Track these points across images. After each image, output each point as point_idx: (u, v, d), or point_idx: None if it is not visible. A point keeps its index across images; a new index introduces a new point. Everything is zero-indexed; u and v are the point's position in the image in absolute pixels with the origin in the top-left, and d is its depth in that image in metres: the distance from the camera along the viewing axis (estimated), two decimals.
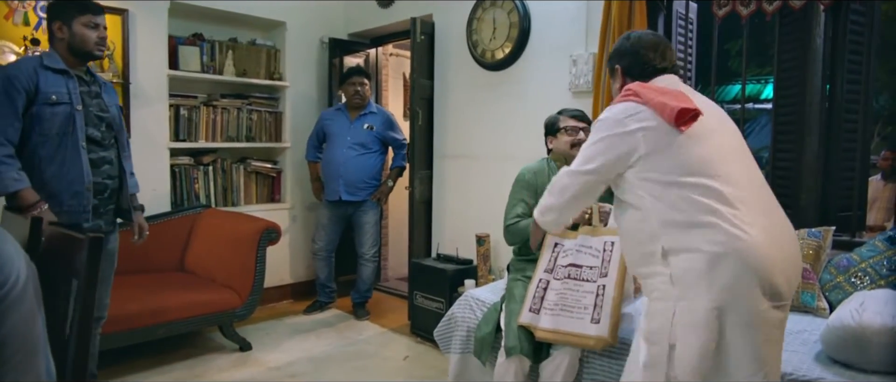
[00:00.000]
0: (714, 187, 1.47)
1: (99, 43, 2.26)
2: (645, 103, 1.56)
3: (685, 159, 1.51)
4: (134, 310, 2.93)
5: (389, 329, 3.87)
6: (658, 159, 1.53)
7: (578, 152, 2.17)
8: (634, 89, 1.61)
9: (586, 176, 1.64)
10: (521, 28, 3.50)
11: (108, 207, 2.38)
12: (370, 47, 4.84)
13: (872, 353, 1.72)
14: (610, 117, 1.61)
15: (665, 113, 1.51)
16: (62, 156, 2.18)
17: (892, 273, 2.19)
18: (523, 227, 2.38)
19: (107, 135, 2.35)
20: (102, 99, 2.37)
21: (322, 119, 4.15)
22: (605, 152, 1.59)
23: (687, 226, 1.48)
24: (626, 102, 1.59)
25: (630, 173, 1.58)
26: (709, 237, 1.44)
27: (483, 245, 3.56)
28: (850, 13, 2.63)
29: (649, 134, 1.53)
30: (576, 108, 2.57)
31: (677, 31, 3.13)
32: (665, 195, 1.51)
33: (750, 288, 1.42)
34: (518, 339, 2.16)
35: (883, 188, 4.30)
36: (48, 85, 2.16)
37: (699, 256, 1.44)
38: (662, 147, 1.52)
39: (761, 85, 10.28)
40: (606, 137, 1.59)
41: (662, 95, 1.56)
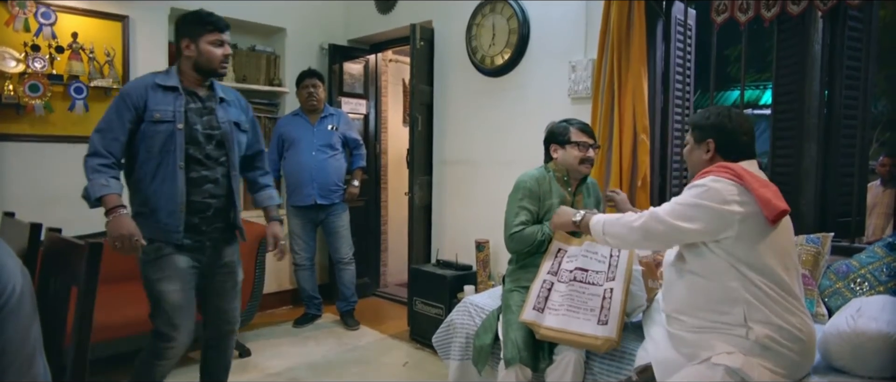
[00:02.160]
0: (786, 280, 1.69)
1: (224, 60, 2.25)
2: (750, 190, 1.68)
3: (767, 249, 1.69)
4: (131, 316, 2.92)
5: (389, 335, 3.87)
6: (747, 245, 1.68)
7: (586, 169, 2.24)
8: (739, 173, 1.72)
9: (678, 233, 1.76)
10: (520, 34, 3.52)
11: (214, 225, 2.30)
12: (370, 53, 4.85)
13: (868, 359, 1.72)
14: (715, 189, 1.70)
15: (767, 208, 1.66)
16: (162, 174, 2.17)
17: (891, 279, 2.19)
18: (528, 234, 2.37)
19: (214, 153, 2.27)
20: (215, 116, 2.28)
21: (280, 127, 4.01)
22: (704, 219, 1.71)
23: (765, 305, 1.67)
24: (732, 183, 1.71)
25: (714, 247, 1.72)
26: (789, 321, 1.67)
27: (483, 251, 3.56)
28: (848, 19, 2.63)
29: (747, 221, 1.68)
30: (577, 118, 2.56)
31: (676, 36, 3.14)
32: (744, 275, 1.68)
33: (803, 366, 1.72)
34: (516, 348, 2.16)
35: (882, 194, 4.30)
36: (155, 103, 2.17)
37: (779, 331, 1.66)
38: (754, 237, 1.68)
39: (760, 91, 10.30)
40: (708, 208, 1.70)
41: (764, 187, 1.70)
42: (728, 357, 1.67)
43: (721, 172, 1.75)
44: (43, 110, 3.29)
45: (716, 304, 1.73)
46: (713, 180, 1.73)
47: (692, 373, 1.74)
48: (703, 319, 1.76)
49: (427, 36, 4.04)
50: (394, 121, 5.30)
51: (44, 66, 3.28)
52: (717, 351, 1.70)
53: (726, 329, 1.71)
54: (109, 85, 3.50)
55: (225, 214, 2.33)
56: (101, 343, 2.69)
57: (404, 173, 4.61)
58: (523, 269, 2.45)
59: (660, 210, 1.80)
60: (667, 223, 1.76)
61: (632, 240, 1.88)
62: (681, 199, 1.78)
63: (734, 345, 1.69)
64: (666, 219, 1.76)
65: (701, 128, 1.90)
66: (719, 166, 1.79)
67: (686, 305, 1.82)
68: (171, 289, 2.20)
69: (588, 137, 2.46)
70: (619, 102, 2.97)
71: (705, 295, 1.76)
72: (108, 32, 3.54)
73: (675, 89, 3.16)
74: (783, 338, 1.66)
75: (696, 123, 1.94)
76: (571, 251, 2.34)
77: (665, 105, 3.14)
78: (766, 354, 1.67)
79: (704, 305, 1.76)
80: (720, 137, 1.85)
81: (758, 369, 1.65)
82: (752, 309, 1.67)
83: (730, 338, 1.70)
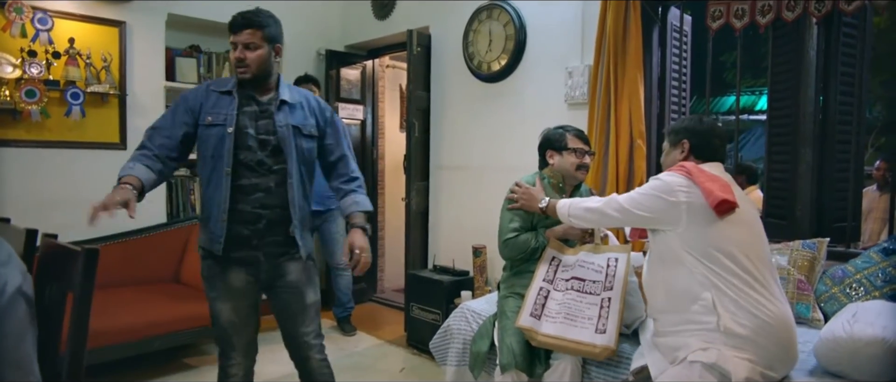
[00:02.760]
0: (749, 268, 1.77)
1: (237, 63, 2.02)
2: (696, 183, 1.83)
3: (725, 239, 1.79)
4: (129, 322, 2.92)
5: (386, 341, 3.86)
6: (698, 234, 1.81)
7: (582, 175, 2.27)
8: (688, 168, 1.89)
9: (633, 218, 1.94)
10: (517, 40, 3.53)
11: (269, 238, 2.08)
12: (367, 59, 4.86)
13: (864, 364, 1.72)
14: (666, 182, 1.88)
15: (710, 197, 1.79)
16: (214, 180, 2.03)
17: (886, 284, 2.20)
18: (522, 241, 2.38)
19: (268, 160, 2.06)
20: (273, 120, 2.06)
21: None
22: (653, 208, 1.88)
23: (731, 290, 1.75)
24: (681, 176, 1.87)
25: (673, 237, 1.86)
26: (755, 306, 1.73)
27: (479, 257, 3.56)
28: (842, 26, 2.65)
29: (693, 210, 1.81)
30: (573, 125, 2.57)
31: (672, 43, 3.15)
32: (705, 263, 1.79)
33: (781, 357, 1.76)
34: (512, 354, 2.15)
35: (878, 199, 4.31)
36: (209, 106, 2.05)
37: (749, 317, 1.72)
38: (704, 226, 1.80)
39: (756, 96, 10.33)
40: (657, 197, 1.87)
41: (711, 181, 1.84)
42: (703, 354, 1.72)
43: (675, 169, 1.93)
44: (39, 116, 3.28)
45: (686, 291, 1.82)
46: (666, 175, 1.91)
47: (673, 374, 1.79)
48: (678, 314, 1.84)
49: (424, 42, 4.05)
50: (391, 126, 5.30)
51: (40, 71, 3.28)
52: (694, 349, 1.75)
53: (698, 322, 1.77)
54: (106, 91, 3.50)
55: (282, 227, 2.08)
56: (96, 350, 2.68)
57: (401, 178, 4.62)
58: (518, 275, 2.45)
59: (618, 196, 1.99)
60: (621, 208, 1.95)
61: (591, 220, 2.08)
62: (639, 189, 1.97)
63: (708, 340, 1.74)
64: (621, 204, 1.95)
65: (675, 132, 2.07)
66: (677, 165, 1.96)
67: (662, 302, 1.91)
68: (223, 308, 2.09)
69: (584, 143, 2.48)
70: (616, 108, 2.98)
71: (675, 289, 1.85)
72: (105, 38, 3.55)
73: (672, 95, 3.17)
74: (754, 326, 1.71)
75: (670, 128, 2.13)
76: (566, 261, 2.34)
77: (661, 111, 3.15)
78: (740, 344, 1.71)
79: (676, 298, 1.85)
80: (694, 137, 2.01)
81: (733, 360, 1.69)
82: (720, 295, 1.76)
83: (703, 333, 1.76)
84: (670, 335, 1.86)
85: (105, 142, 3.59)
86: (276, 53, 2.08)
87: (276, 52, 2.08)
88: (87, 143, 3.53)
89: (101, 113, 3.56)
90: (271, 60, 2.06)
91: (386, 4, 4.37)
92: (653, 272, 1.97)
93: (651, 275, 1.98)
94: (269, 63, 2.05)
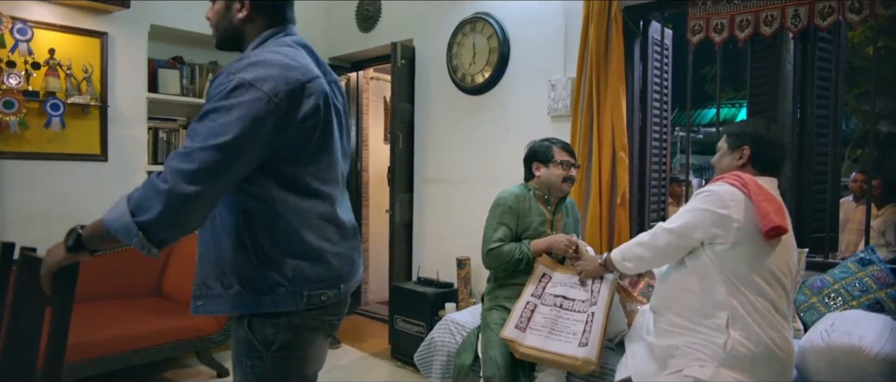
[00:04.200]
0: (773, 297, 1.70)
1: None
2: (751, 199, 1.70)
3: (760, 262, 1.71)
4: (109, 336, 2.87)
5: (369, 354, 3.84)
6: (737, 253, 1.71)
7: (568, 187, 2.27)
8: (745, 181, 1.75)
9: (685, 240, 1.79)
10: (500, 53, 3.55)
11: None
12: (351, 71, 4.87)
13: (842, 372, 1.75)
14: (719, 194, 1.74)
15: (764, 220, 1.67)
16: None
17: (863, 294, 2.24)
18: (506, 251, 2.38)
19: None
20: None
21: None
22: (706, 222, 1.74)
23: (749, 315, 1.69)
24: (735, 189, 1.73)
25: (709, 250, 1.75)
26: (769, 336, 1.68)
27: (464, 269, 3.56)
28: (817, 40, 2.71)
29: (743, 231, 1.69)
30: (557, 137, 2.60)
31: (653, 56, 3.20)
32: (733, 281, 1.71)
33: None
34: (496, 366, 2.15)
35: (854, 210, 4.39)
36: None
37: (758, 344, 1.67)
38: (747, 249, 1.70)
39: (736, 109, 10.49)
40: (708, 211, 1.74)
41: (768, 201, 1.71)
42: (699, 370, 1.70)
43: (729, 178, 1.79)
44: (18, 127, 3.23)
45: (702, 305, 1.75)
46: (718, 185, 1.77)
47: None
48: (687, 318, 1.78)
49: (408, 54, 4.07)
50: (375, 138, 5.30)
51: (19, 82, 3.24)
52: (690, 362, 1.72)
53: (706, 333, 1.72)
54: (87, 102, 3.46)
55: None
56: (75, 364, 2.63)
57: (385, 190, 4.61)
58: (503, 288, 2.45)
59: (666, 224, 1.84)
60: (672, 231, 1.80)
61: (647, 258, 1.91)
62: (686, 206, 1.83)
63: (709, 354, 1.71)
64: (671, 227, 1.81)
65: (737, 135, 1.90)
66: (732, 174, 1.82)
67: (674, 300, 1.84)
68: None
69: (570, 156, 2.50)
70: (598, 120, 3.01)
71: (693, 294, 1.78)
72: (85, 49, 3.51)
73: (653, 107, 3.21)
74: (759, 352, 1.68)
75: (731, 130, 1.94)
76: (556, 278, 2.35)
77: (643, 123, 3.19)
78: (740, 365, 1.69)
79: (691, 303, 1.78)
80: (756, 145, 1.85)
81: (729, 380, 1.68)
82: (736, 318, 1.69)
83: (706, 346, 1.72)
84: (670, 336, 1.81)
85: (86, 153, 3.54)
86: (241, 6, 1.40)
87: (240, 4, 1.40)
88: (68, 154, 3.48)
89: (81, 125, 3.52)
90: (231, 16, 1.41)
91: (370, 17, 4.38)
92: (671, 270, 1.90)
93: (668, 272, 1.92)
94: (228, 20, 1.42)
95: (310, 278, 1.34)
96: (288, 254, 1.33)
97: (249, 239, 1.32)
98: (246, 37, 1.43)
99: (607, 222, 3.03)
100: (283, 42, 1.41)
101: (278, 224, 1.32)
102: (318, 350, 1.45)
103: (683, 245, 1.80)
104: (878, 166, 7.41)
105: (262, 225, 1.32)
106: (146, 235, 1.16)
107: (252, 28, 1.42)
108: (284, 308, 1.32)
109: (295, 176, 1.32)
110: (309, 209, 1.34)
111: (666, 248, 1.82)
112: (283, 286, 1.32)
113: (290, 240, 1.33)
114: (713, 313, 1.72)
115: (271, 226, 1.32)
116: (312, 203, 1.35)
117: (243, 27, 1.41)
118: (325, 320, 1.41)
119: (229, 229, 1.34)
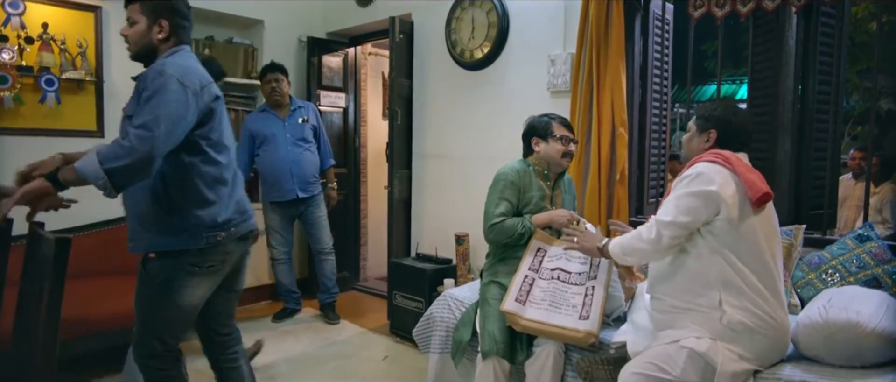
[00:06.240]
0: (765, 267, 1.76)
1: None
2: (736, 173, 1.76)
3: (752, 233, 1.76)
4: (108, 313, 2.87)
5: (368, 329, 3.86)
6: (734, 229, 1.74)
7: (567, 162, 2.25)
8: (726, 156, 1.80)
9: (682, 228, 1.79)
10: (499, 28, 3.51)
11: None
12: (349, 46, 4.82)
13: (839, 348, 1.76)
14: (706, 173, 1.77)
15: (752, 190, 1.73)
16: None
17: (860, 270, 2.24)
18: (509, 226, 2.38)
19: None
20: None
21: (249, 124, 3.88)
22: (699, 206, 1.76)
23: (742, 290, 1.73)
24: (718, 166, 1.78)
25: (703, 229, 1.78)
26: (764, 309, 1.72)
27: (462, 245, 3.57)
28: (820, 15, 2.68)
29: (735, 204, 1.74)
30: (556, 112, 2.58)
31: (654, 31, 3.16)
32: (726, 253, 1.75)
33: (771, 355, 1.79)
34: (494, 341, 2.17)
35: (853, 187, 4.39)
36: None
37: (753, 318, 1.72)
38: (741, 221, 1.74)
39: (736, 85, 10.44)
40: (700, 193, 1.76)
41: (750, 172, 1.78)
42: (696, 342, 1.74)
43: (711, 156, 1.82)
44: (12, 103, 3.21)
45: (694, 284, 1.80)
46: (701, 165, 1.81)
47: (658, 351, 1.81)
48: (681, 298, 1.82)
49: (406, 29, 4.02)
50: (373, 114, 5.27)
51: (12, 57, 3.20)
52: (687, 335, 1.76)
53: (701, 310, 1.77)
54: (82, 77, 3.43)
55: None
56: (73, 340, 2.64)
57: (384, 166, 4.59)
58: (501, 262, 2.45)
59: (661, 215, 1.84)
60: (674, 225, 1.79)
61: (650, 253, 1.89)
62: (675, 193, 1.82)
63: (706, 327, 1.75)
64: (669, 220, 1.80)
65: (706, 118, 1.95)
66: (711, 152, 1.86)
67: (668, 281, 1.88)
68: None
69: (569, 131, 2.49)
70: (598, 96, 2.99)
71: (687, 274, 1.82)
72: (80, 23, 3.47)
73: (653, 84, 3.19)
74: (756, 325, 1.72)
75: (701, 113, 1.99)
76: (552, 252, 2.37)
77: (643, 99, 3.17)
78: (736, 338, 1.73)
79: (684, 283, 1.82)
80: (723, 129, 1.91)
81: (724, 353, 1.71)
82: (730, 293, 1.74)
83: (703, 320, 1.76)
84: (668, 313, 1.86)
85: (82, 129, 3.52)
86: (161, 29, 1.87)
87: (160, 28, 1.87)
88: (63, 130, 3.46)
89: (77, 100, 3.49)
90: (151, 36, 1.87)
91: None
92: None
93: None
94: (149, 39, 1.87)
95: (207, 224, 1.84)
96: (192, 206, 1.82)
97: (164, 195, 1.81)
98: (159, 52, 1.89)
99: (606, 198, 3.03)
100: (188, 55, 1.90)
101: (185, 184, 1.82)
102: (195, 287, 1.89)
103: (685, 234, 1.81)
104: (878, 143, 7.39)
105: (173, 185, 1.81)
106: (110, 179, 1.58)
107: (165, 46, 1.90)
108: (187, 247, 1.82)
109: (200, 148, 1.82)
110: (208, 173, 1.84)
111: (671, 241, 1.81)
112: (187, 230, 1.82)
113: (194, 196, 1.82)
114: (705, 292, 1.77)
115: (180, 185, 1.81)
116: (210, 168, 1.85)
117: (159, 45, 1.89)
118: (205, 264, 1.88)
119: (150, 187, 1.80)
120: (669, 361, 1.76)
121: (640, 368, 1.80)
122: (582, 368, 2.08)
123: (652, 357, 1.81)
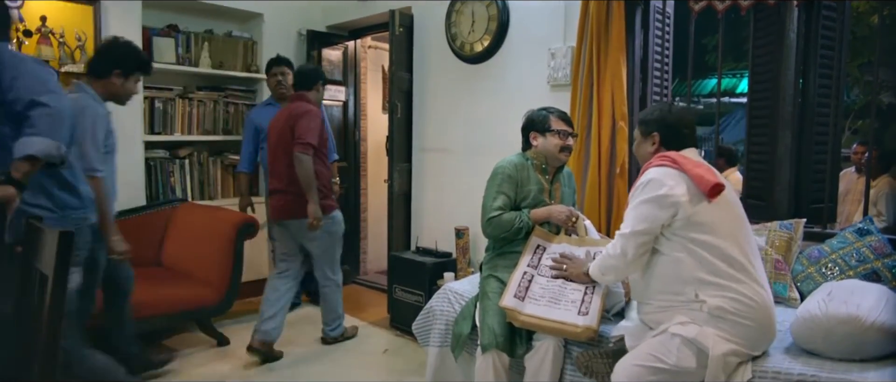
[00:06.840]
0: (735, 254, 1.79)
1: None
2: (684, 171, 1.84)
3: (711, 224, 1.81)
4: None
5: (368, 323, 3.87)
6: (694, 224, 1.81)
7: (565, 157, 2.27)
8: (673, 157, 1.89)
9: (643, 235, 1.87)
10: (499, 21, 3.50)
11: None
12: (348, 40, 4.81)
13: (838, 342, 1.77)
14: (657, 179, 1.85)
15: (701, 183, 1.80)
16: None
17: (860, 264, 2.24)
18: (507, 220, 2.38)
19: None
20: None
21: (254, 118, 3.78)
22: (655, 212, 1.84)
23: (714, 279, 1.78)
24: (666, 168, 1.87)
25: (667, 231, 1.85)
26: (739, 291, 1.76)
27: (462, 238, 3.57)
28: (822, 9, 2.67)
29: (691, 201, 1.81)
30: (556, 107, 2.57)
31: (654, 25, 3.15)
32: (691, 248, 1.81)
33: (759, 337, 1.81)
34: (493, 334, 2.17)
35: (856, 181, 4.38)
36: None
37: (731, 303, 1.76)
38: (699, 215, 1.81)
39: (737, 79, 10.42)
40: (653, 199, 1.84)
41: (697, 167, 1.85)
42: (682, 328, 1.79)
43: (659, 160, 1.92)
44: None
45: (671, 283, 1.86)
46: (650, 172, 1.90)
47: (651, 344, 1.84)
48: (664, 298, 1.88)
49: (406, 22, 4.01)
50: (373, 108, 5.26)
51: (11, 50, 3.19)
52: (675, 322, 1.82)
53: (683, 305, 1.83)
54: (81, 70, 3.42)
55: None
56: None
57: (384, 160, 4.59)
58: (501, 256, 2.46)
59: (622, 228, 1.92)
60: (635, 235, 1.87)
61: (622, 267, 1.97)
62: (632, 204, 1.91)
63: (691, 317, 1.80)
64: (629, 231, 1.89)
65: (646, 122, 2.06)
66: (658, 155, 1.95)
67: (648, 288, 1.95)
68: None
69: (567, 125, 2.49)
70: (598, 90, 2.99)
71: (662, 276, 1.89)
72: (78, 16, 3.46)
73: (654, 77, 3.18)
74: (735, 308, 1.76)
75: (642, 118, 2.11)
76: (551, 249, 2.37)
77: (643, 93, 3.16)
78: (721, 324, 1.77)
79: (661, 285, 1.89)
80: (664, 130, 2.01)
81: (713, 337, 1.75)
82: (704, 285, 1.79)
83: (687, 312, 1.82)
84: (657, 313, 1.92)
85: None
86: None
87: None
88: None
89: None
90: None
91: None
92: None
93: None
94: None
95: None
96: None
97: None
98: None
99: (606, 191, 3.03)
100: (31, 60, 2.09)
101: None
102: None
103: (648, 241, 1.88)
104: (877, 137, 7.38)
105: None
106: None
107: None
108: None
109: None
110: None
111: (636, 250, 1.88)
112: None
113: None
114: (684, 287, 1.82)
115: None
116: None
117: None
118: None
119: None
120: (664, 351, 1.79)
121: (637, 361, 1.83)
122: (581, 362, 2.08)
123: (647, 349, 1.84)
